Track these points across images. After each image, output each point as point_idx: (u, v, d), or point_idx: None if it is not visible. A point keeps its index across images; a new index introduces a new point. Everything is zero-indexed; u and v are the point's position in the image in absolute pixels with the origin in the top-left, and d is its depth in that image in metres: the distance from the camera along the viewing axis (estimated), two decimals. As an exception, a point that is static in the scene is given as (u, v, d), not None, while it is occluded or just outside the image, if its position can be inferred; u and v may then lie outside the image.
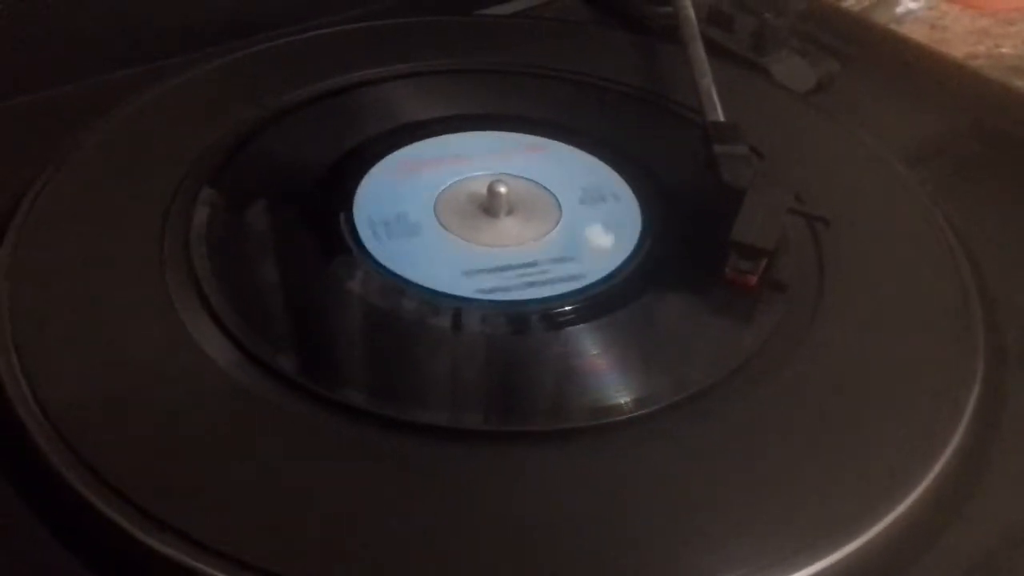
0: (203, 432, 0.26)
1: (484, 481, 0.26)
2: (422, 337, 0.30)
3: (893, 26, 0.57)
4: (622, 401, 0.28)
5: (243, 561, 0.23)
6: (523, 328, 0.30)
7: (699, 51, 0.38)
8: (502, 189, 0.34)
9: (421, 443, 0.26)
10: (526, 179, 0.36)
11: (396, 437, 0.26)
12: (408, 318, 0.30)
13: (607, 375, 0.29)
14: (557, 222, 0.34)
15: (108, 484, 0.24)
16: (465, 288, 0.31)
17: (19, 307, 0.29)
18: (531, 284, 0.32)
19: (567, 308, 0.31)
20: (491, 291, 0.31)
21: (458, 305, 0.31)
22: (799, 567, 0.24)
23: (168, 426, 0.26)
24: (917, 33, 0.57)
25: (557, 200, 0.35)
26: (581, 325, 0.30)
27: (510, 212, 0.34)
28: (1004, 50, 0.56)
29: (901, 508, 0.25)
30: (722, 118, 0.35)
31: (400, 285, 0.31)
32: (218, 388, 0.27)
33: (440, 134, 0.38)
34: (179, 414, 0.27)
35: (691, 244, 0.34)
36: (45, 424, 0.26)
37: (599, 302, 0.31)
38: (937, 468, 0.26)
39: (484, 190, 0.34)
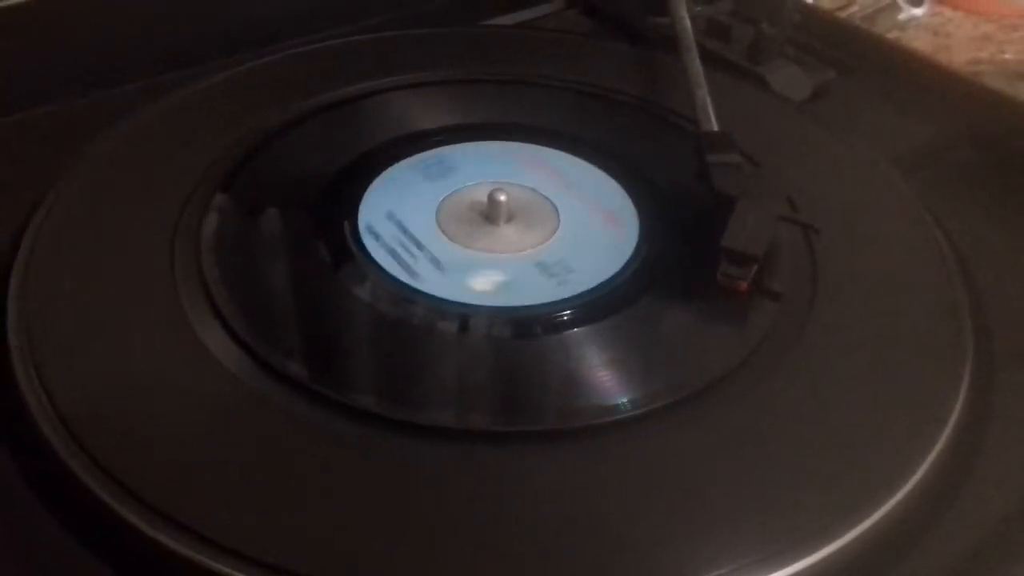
0: (213, 434, 0.27)
1: (486, 480, 0.26)
2: (426, 342, 0.31)
3: (896, 33, 0.58)
4: (619, 402, 0.29)
5: (253, 558, 0.23)
6: (523, 333, 0.31)
7: (695, 62, 0.39)
8: (502, 197, 0.35)
9: (426, 444, 0.27)
10: (526, 187, 0.37)
11: (402, 439, 0.27)
12: (412, 324, 0.31)
13: (604, 378, 0.30)
14: (556, 229, 0.35)
15: (124, 486, 0.25)
16: (466, 294, 0.32)
17: (34, 316, 0.30)
18: (532, 289, 0.32)
19: (567, 313, 0.31)
20: (492, 296, 0.32)
21: (460, 311, 0.31)
22: (788, 563, 0.24)
23: (180, 430, 0.27)
24: (920, 40, 0.57)
25: (556, 208, 0.36)
26: (579, 329, 0.31)
27: (510, 220, 0.35)
28: (1007, 56, 0.56)
29: (888, 506, 0.26)
30: (716, 128, 0.36)
31: (403, 292, 0.32)
32: (227, 392, 0.28)
33: (443, 144, 0.39)
34: (190, 418, 0.28)
35: (687, 251, 0.34)
36: (63, 431, 0.26)
37: (597, 307, 0.32)
38: (923, 468, 0.27)
39: (485, 198, 0.35)
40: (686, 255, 0.34)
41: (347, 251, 0.33)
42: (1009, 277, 0.34)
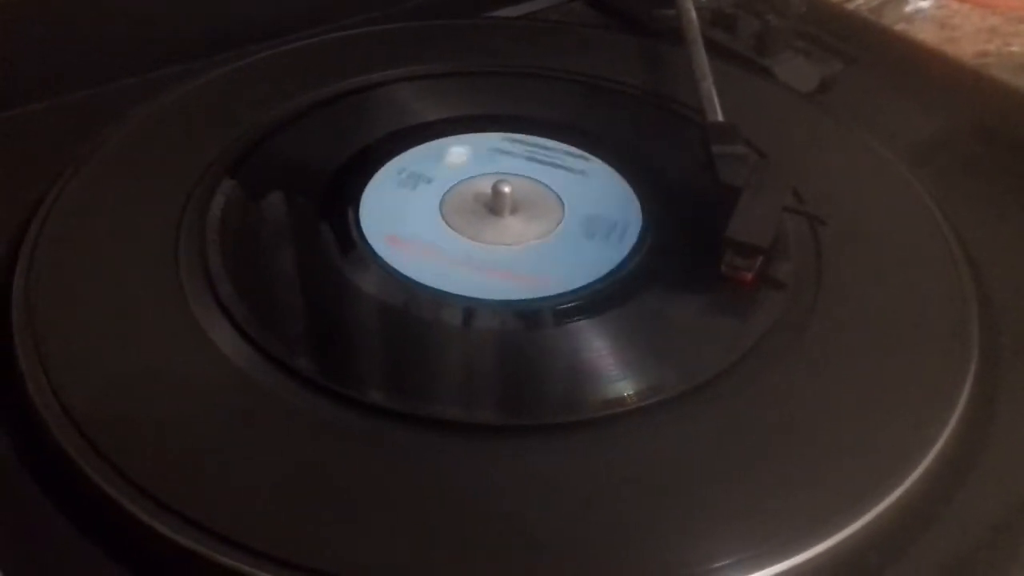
0: (218, 427, 0.27)
1: (491, 473, 0.26)
2: (431, 334, 0.31)
3: (903, 25, 0.57)
4: (624, 395, 0.29)
5: (259, 551, 0.24)
6: (527, 325, 0.31)
7: (700, 53, 0.39)
8: (506, 189, 0.35)
9: (430, 437, 0.27)
10: (530, 179, 0.37)
11: (407, 431, 0.27)
12: (416, 315, 0.31)
13: (609, 370, 0.30)
14: (560, 221, 0.35)
15: (129, 479, 0.25)
16: (470, 286, 0.32)
17: (39, 311, 0.30)
18: (536, 279, 0.32)
19: (571, 305, 0.31)
20: (495, 288, 0.32)
21: (464, 303, 0.31)
22: (792, 555, 0.24)
23: (185, 423, 0.27)
24: (926, 32, 0.57)
25: (560, 199, 0.36)
26: (584, 321, 0.31)
27: (514, 211, 0.35)
28: (1014, 48, 0.56)
29: (891, 499, 0.26)
30: (721, 119, 0.36)
31: (408, 283, 0.32)
32: (232, 384, 0.28)
33: (447, 135, 0.39)
34: (195, 411, 0.28)
35: (692, 242, 0.34)
36: (68, 425, 0.26)
37: (601, 299, 0.32)
38: (928, 460, 0.27)
39: (489, 189, 0.35)
40: (691, 246, 0.34)
41: (349, 242, 0.33)
42: (1016, 269, 0.34)
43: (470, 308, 0.31)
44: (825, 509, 0.25)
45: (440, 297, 0.31)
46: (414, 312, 0.31)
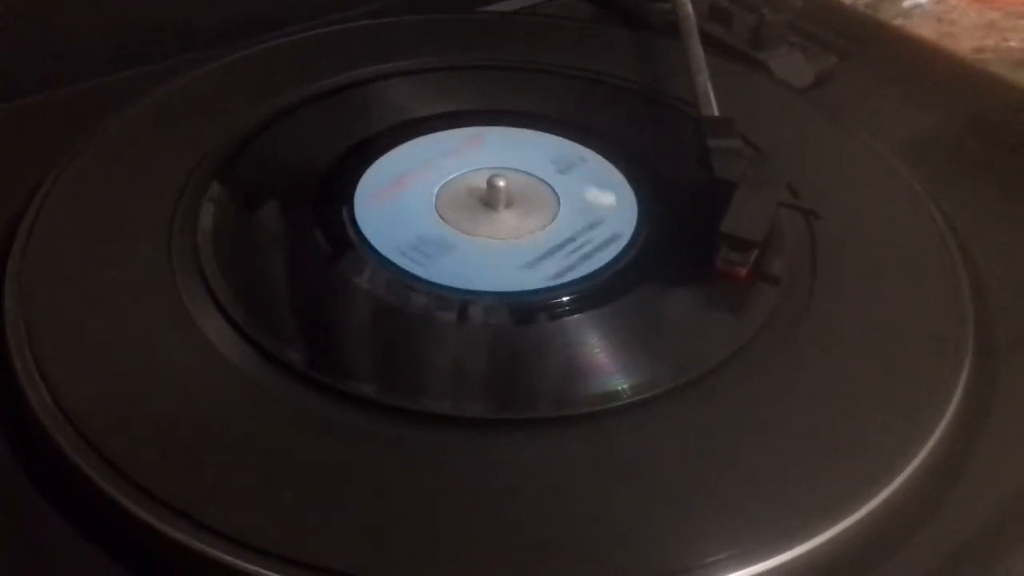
0: (213, 423, 0.27)
1: (485, 467, 0.26)
2: (425, 329, 0.31)
3: (901, 20, 0.57)
4: (618, 389, 0.29)
5: (254, 547, 0.24)
6: (522, 319, 0.31)
7: (696, 47, 0.39)
8: (501, 183, 0.35)
9: (425, 432, 0.27)
10: (525, 173, 0.36)
11: (402, 426, 0.27)
12: (411, 311, 0.31)
13: (604, 364, 0.30)
14: (555, 215, 0.35)
15: (127, 477, 0.25)
16: (465, 281, 0.32)
17: (32, 308, 0.30)
18: (529, 276, 0.32)
19: (566, 299, 0.31)
20: (490, 283, 0.32)
21: (460, 297, 0.31)
22: (785, 550, 0.24)
23: (180, 420, 0.27)
24: (925, 27, 0.57)
25: (556, 193, 0.36)
26: (579, 315, 0.31)
27: (509, 205, 0.35)
28: (1012, 44, 0.56)
29: (886, 493, 0.26)
30: (717, 113, 0.36)
31: (402, 278, 0.32)
32: (226, 380, 0.28)
33: (441, 130, 0.39)
34: (190, 407, 0.28)
35: (687, 236, 0.34)
36: (64, 423, 0.26)
37: (596, 293, 0.32)
38: (923, 455, 0.27)
39: (483, 184, 0.35)
40: (686, 240, 0.34)
41: (344, 238, 0.33)
42: (1011, 264, 0.34)
43: (464, 302, 0.31)
44: (818, 505, 0.25)
45: (434, 291, 0.31)
46: (408, 306, 0.31)
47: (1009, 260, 0.34)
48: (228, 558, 0.24)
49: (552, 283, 0.32)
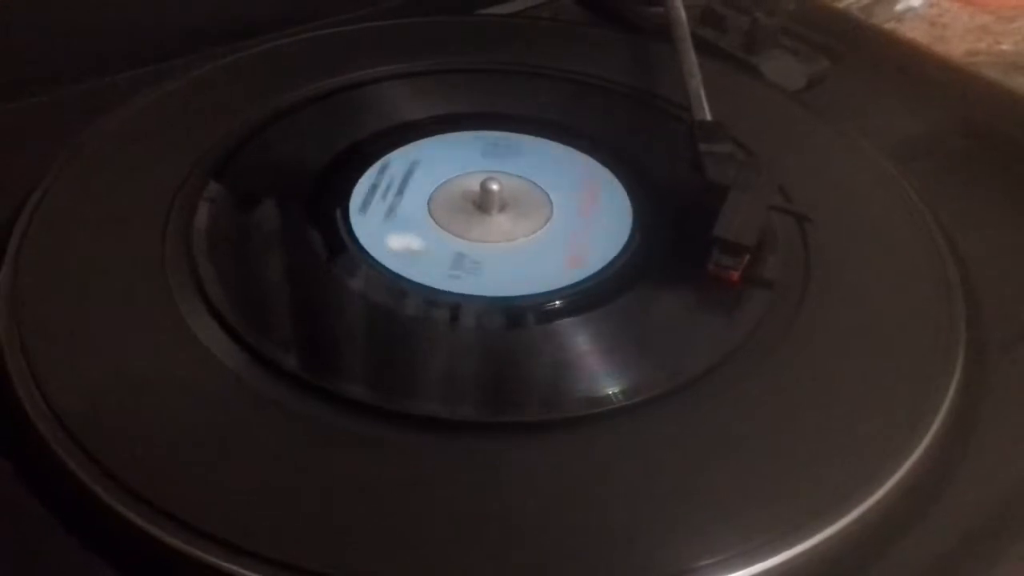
0: (207, 427, 0.27)
1: (477, 471, 0.26)
2: (418, 332, 0.31)
3: (893, 23, 0.57)
4: (610, 393, 0.29)
5: (249, 551, 0.24)
6: (515, 323, 0.31)
7: (689, 51, 0.39)
8: (495, 186, 0.35)
9: (417, 435, 0.27)
10: (519, 176, 0.37)
11: (394, 429, 0.27)
12: (404, 314, 0.31)
13: (595, 368, 0.30)
14: (549, 218, 0.35)
15: (119, 481, 0.25)
16: (458, 284, 0.32)
17: (26, 310, 0.30)
18: (523, 279, 0.32)
19: (558, 302, 0.31)
20: (484, 286, 0.32)
21: (452, 300, 0.31)
22: (777, 553, 0.24)
23: (174, 423, 0.27)
24: (917, 30, 0.57)
25: (549, 197, 0.36)
26: (571, 319, 0.31)
27: (503, 209, 0.35)
28: (1004, 47, 0.56)
29: (879, 495, 0.26)
30: (709, 117, 0.36)
31: (396, 282, 0.32)
32: (220, 383, 0.28)
33: (437, 133, 0.39)
34: (183, 411, 0.28)
35: (681, 240, 0.34)
36: (56, 425, 0.26)
37: (588, 297, 0.32)
38: (915, 456, 0.27)
39: (477, 187, 0.35)
40: (678, 244, 0.34)
41: (339, 241, 0.33)
42: (1002, 266, 0.34)
43: (457, 306, 0.31)
44: (810, 508, 0.25)
45: (428, 295, 0.31)
46: (401, 310, 0.31)
47: (1000, 262, 0.34)
48: (225, 564, 0.24)
49: (544, 287, 0.32)
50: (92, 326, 0.30)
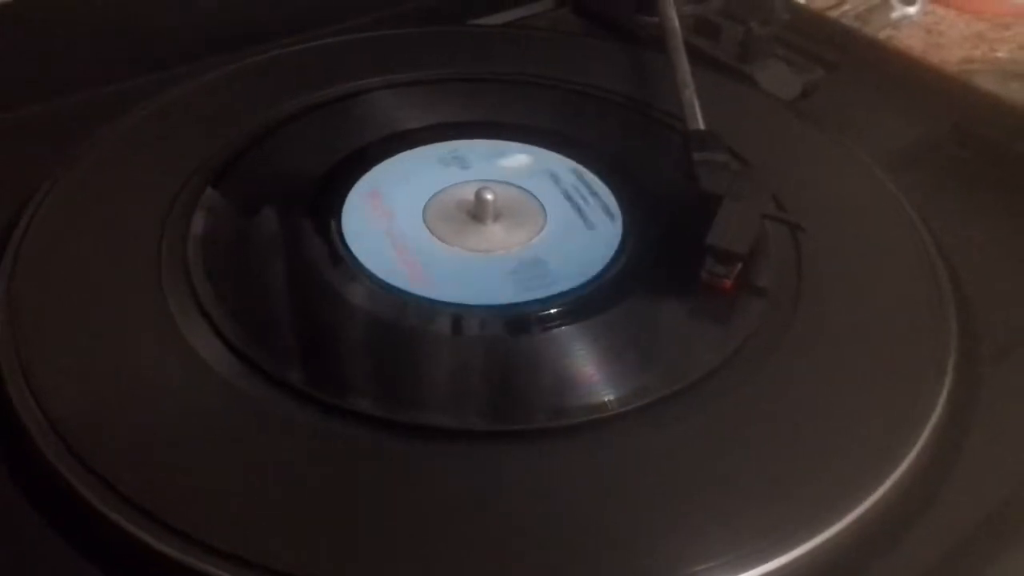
0: (202, 437, 0.27)
1: (476, 479, 0.27)
2: (416, 342, 0.31)
3: (889, 31, 0.58)
4: (605, 400, 0.29)
5: (246, 560, 0.24)
6: (510, 332, 0.31)
7: (682, 61, 0.39)
8: (489, 196, 0.35)
9: (416, 444, 0.27)
10: (513, 186, 0.37)
11: (393, 438, 0.27)
12: (401, 324, 0.31)
13: (590, 376, 0.30)
14: (542, 228, 0.35)
15: (113, 489, 0.25)
16: (453, 293, 0.32)
17: (23, 318, 0.30)
18: (518, 288, 0.32)
19: (553, 311, 0.32)
20: (477, 295, 0.32)
21: (448, 310, 0.31)
22: (773, 558, 0.25)
23: (169, 432, 0.27)
24: (913, 38, 0.57)
25: (543, 206, 0.36)
26: (566, 328, 0.31)
27: (497, 218, 0.35)
28: (1000, 54, 0.56)
29: (870, 501, 0.26)
30: (702, 126, 0.36)
31: (390, 291, 0.32)
32: (214, 393, 0.28)
33: (431, 142, 0.39)
34: (179, 420, 0.28)
35: (672, 249, 0.34)
36: (51, 434, 0.26)
37: (583, 305, 0.32)
38: (906, 463, 0.27)
39: (472, 197, 0.35)
40: (672, 253, 0.34)
41: (334, 251, 0.33)
42: (994, 276, 0.34)
43: (454, 315, 0.31)
44: (805, 513, 0.26)
45: (424, 304, 0.31)
46: (398, 319, 0.31)
47: (992, 270, 0.35)
48: (215, 571, 0.24)
49: (539, 296, 0.32)
50: (88, 334, 0.30)
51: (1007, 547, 0.26)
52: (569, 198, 0.37)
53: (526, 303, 0.32)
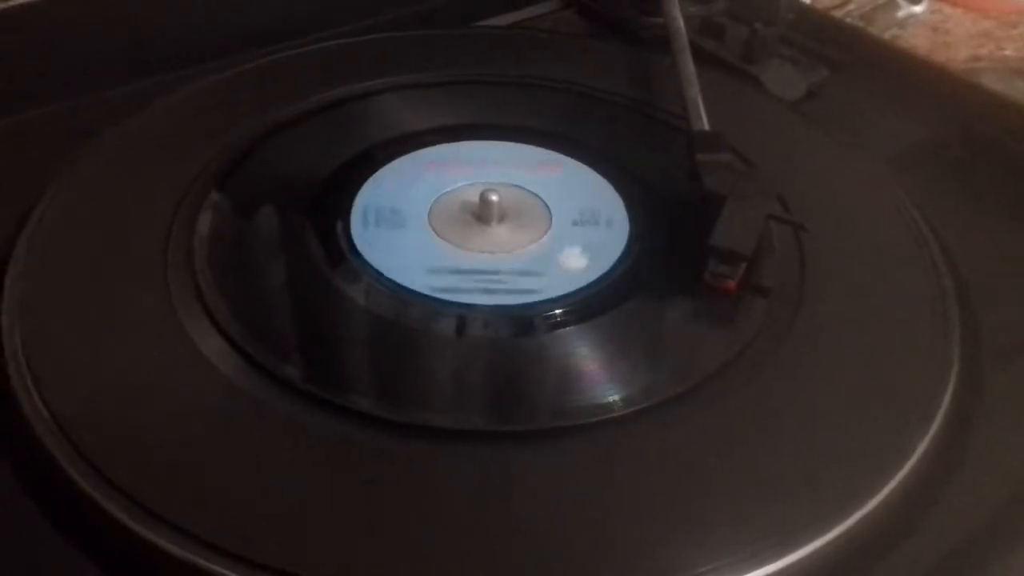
0: (207, 436, 0.27)
1: (480, 479, 0.27)
2: (420, 342, 0.31)
3: (895, 30, 0.58)
4: (610, 401, 0.29)
5: (250, 559, 0.24)
6: (517, 332, 0.31)
7: (687, 62, 0.39)
8: (494, 197, 0.35)
9: (419, 444, 0.27)
10: (518, 187, 0.37)
11: (394, 438, 0.27)
12: (405, 324, 0.31)
13: (595, 376, 0.30)
14: (547, 230, 0.35)
15: (118, 487, 0.25)
16: (459, 294, 0.32)
17: (30, 317, 0.30)
18: (526, 289, 0.32)
19: (558, 312, 0.32)
20: (483, 296, 0.32)
21: (453, 311, 0.31)
22: (777, 559, 0.25)
23: (174, 432, 0.27)
24: (919, 37, 0.57)
25: (548, 208, 0.36)
26: (570, 328, 0.31)
27: (502, 220, 0.35)
28: (1007, 52, 0.56)
29: (875, 502, 0.26)
30: (707, 127, 0.36)
31: (397, 291, 0.32)
32: (220, 393, 0.28)
33: (436, 144, 0.39)
34: (184, 420, 0.28)
35: (679, 249, 0.34)
36: (57, 432, 0.27)
37: (587, 306, 0.32)
38: (910, 464, 0.27)
39: (476, 198, 0.35)
40: (676, 254, 0.34)
41: (339, 252, 0.34)
42: (998, 277, 0.34)
43: (459, 316, 0.31)
44: (808, 514, 0.26)
45: (429, 305, 0.32)
46: (403, 320, 0.31)
47: (996, 271, 0.34)
48: (219, 569, 0.24)
49: (543, 297, 0.32)
50: (92, 332, 0.30)
51: (1010, 548, 0.26)
52: (572, 198, 0.37)
53: (531, 304, 0.32)
